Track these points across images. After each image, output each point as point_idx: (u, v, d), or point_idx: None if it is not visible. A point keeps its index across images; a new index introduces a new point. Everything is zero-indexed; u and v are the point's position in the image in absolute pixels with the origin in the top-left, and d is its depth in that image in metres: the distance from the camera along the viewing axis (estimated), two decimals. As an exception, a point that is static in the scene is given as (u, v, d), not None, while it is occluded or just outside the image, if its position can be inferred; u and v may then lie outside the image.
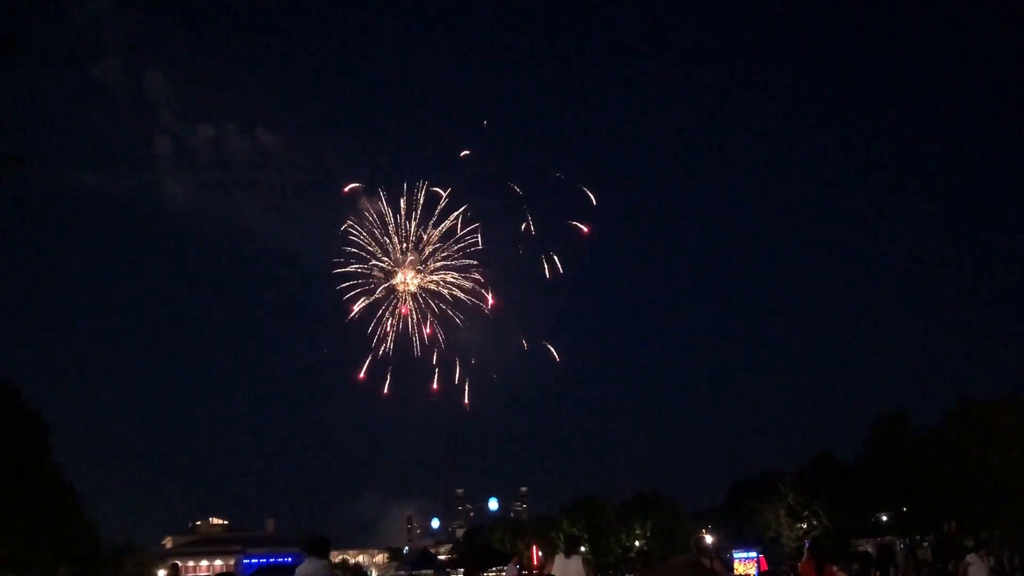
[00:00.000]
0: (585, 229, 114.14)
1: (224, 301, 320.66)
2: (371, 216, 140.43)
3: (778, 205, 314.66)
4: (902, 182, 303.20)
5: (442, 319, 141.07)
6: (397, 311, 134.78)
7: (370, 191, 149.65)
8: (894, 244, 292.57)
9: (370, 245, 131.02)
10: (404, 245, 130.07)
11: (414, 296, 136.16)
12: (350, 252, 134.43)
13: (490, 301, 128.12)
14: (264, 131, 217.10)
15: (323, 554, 11.53)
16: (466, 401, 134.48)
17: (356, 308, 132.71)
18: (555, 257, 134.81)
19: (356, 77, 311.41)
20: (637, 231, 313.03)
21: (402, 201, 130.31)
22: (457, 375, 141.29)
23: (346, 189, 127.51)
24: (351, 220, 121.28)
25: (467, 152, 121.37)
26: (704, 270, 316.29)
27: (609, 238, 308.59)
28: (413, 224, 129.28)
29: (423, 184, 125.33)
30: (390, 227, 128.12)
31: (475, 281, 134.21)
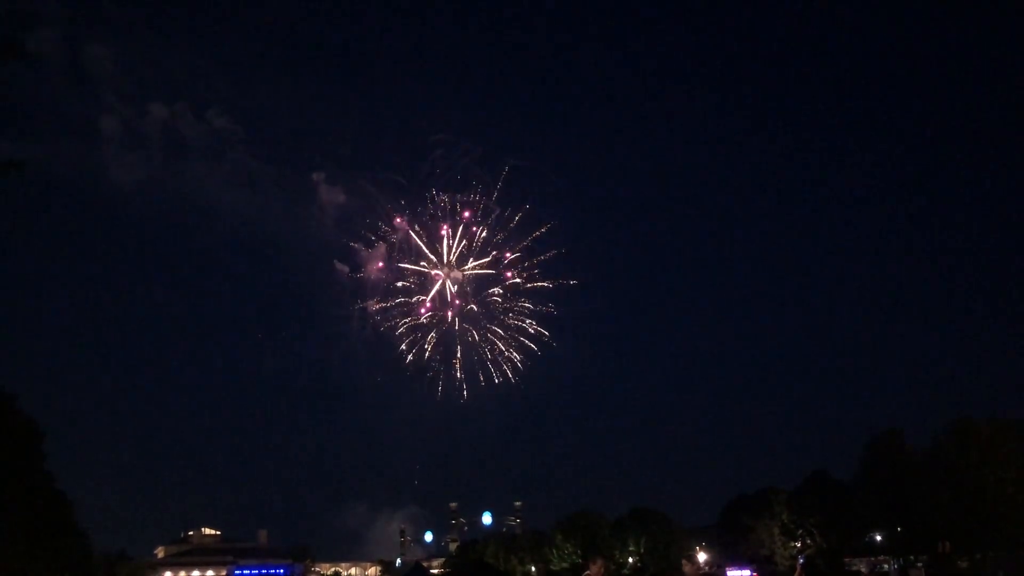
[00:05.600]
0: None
1: (210, 302, 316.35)
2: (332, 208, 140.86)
3: (774, 224, 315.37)
4: (899, 204, 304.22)
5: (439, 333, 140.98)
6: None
7: (332, 179, 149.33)
8: (891, 264, 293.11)
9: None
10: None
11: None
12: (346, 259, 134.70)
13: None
14: (218, 113, 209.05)
15: None
16: (464, 397, 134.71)
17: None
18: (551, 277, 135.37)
19: (317, 59, 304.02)
20: (636, 251, 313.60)
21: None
22: (448, 386, 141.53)
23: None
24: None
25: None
26: (701, 287, 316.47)
27: (606, 257, 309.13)
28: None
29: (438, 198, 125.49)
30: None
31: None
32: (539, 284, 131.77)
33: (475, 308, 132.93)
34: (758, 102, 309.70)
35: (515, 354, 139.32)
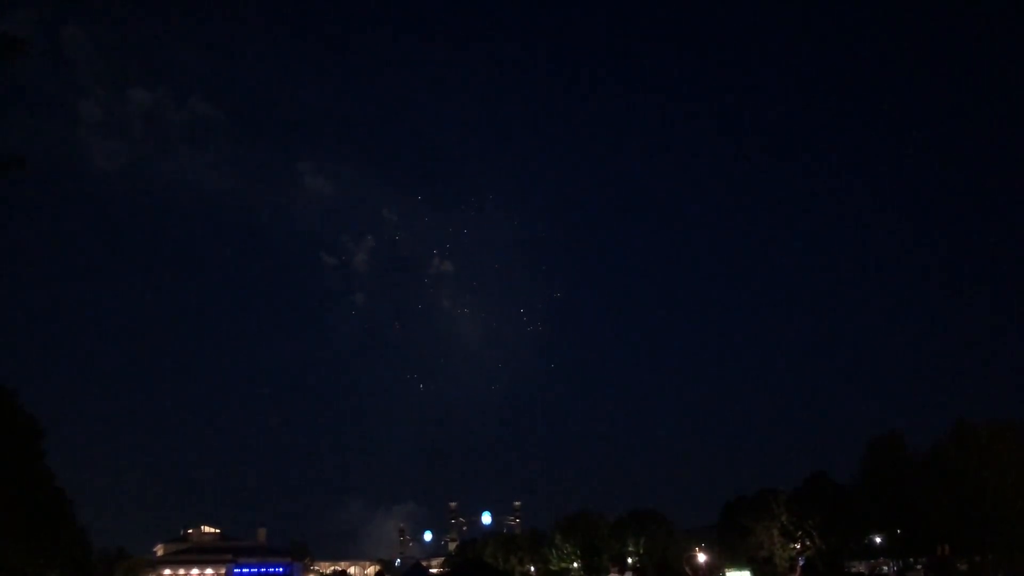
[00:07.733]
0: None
1: (204, 297, 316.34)
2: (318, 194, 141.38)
3: (774, 228, 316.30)
4: (899, 206, 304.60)
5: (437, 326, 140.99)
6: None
7: (318, 169, 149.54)
8: (891, 267, 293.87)
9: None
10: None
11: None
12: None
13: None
14: (201, 99, 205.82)
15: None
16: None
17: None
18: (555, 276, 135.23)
19: (302, 47, 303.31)
20: (636, 254, 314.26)
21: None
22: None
23: None
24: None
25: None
26: (701, 289, 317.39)
27: (606, 260, 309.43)
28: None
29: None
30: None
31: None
32: (537, 287, 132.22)
33: (467, 311, 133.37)
34: (760, 103, 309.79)
35: (513, 355, 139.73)
